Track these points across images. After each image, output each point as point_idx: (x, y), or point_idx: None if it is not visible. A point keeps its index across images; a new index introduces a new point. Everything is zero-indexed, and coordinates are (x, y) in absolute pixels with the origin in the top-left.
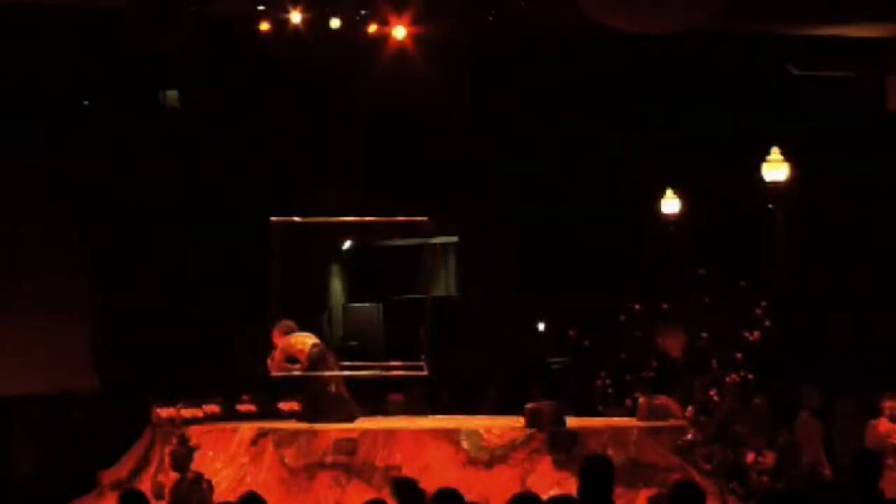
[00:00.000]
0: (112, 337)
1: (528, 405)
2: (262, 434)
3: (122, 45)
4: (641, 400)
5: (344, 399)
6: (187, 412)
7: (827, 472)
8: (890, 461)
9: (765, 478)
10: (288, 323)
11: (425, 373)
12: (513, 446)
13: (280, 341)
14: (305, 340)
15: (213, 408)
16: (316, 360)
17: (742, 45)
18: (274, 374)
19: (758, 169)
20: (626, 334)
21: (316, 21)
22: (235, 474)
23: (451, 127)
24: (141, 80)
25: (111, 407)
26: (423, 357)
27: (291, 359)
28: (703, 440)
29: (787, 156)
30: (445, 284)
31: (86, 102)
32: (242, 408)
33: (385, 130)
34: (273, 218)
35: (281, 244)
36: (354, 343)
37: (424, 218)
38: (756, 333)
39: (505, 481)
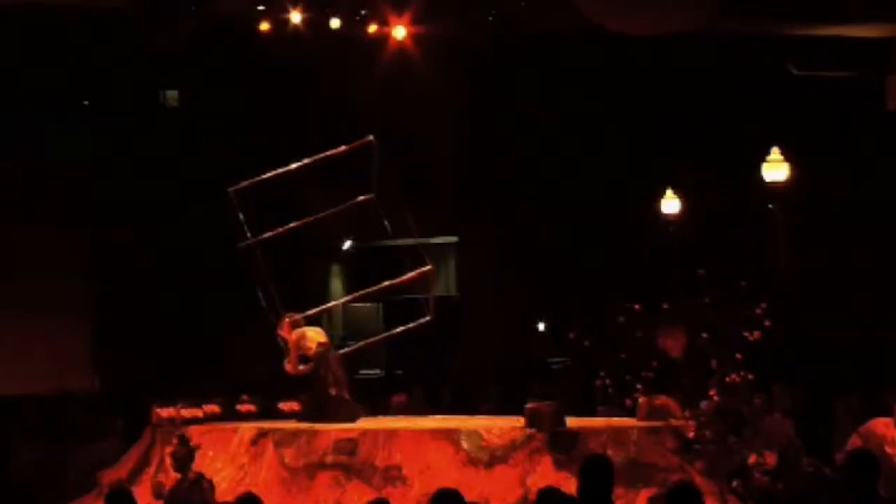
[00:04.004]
0: (112, 337)
1: (528, 405)
2: (262, 434)
3: (123, 45)
4: (641, 400)
5: (345, 401)
6: (187, 412)
7: None
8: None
9: (766, 478)
10: (296, 317)
11: (430, 318)
12: (513, 446)
13: (289, 336)
14: (313, 337)
15: (213, 408)
16: (319, 360)
17: (742, 45)
18: (291, 373)
19: (758, 169)
20: (626, 334)
21: (316, 21)
22: (235, 474)
23: (450, 126)
24: (141, 80)
25: (111, 407)
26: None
27: (303, 357)
28: (704, 440)
29: (787, 156)
30: (445, 284)
31: (86, 102)
32: (242, 408)
33: (384, 130)
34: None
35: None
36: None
37: (370, 137)
38: (756, 333)
39: (505, 481)
